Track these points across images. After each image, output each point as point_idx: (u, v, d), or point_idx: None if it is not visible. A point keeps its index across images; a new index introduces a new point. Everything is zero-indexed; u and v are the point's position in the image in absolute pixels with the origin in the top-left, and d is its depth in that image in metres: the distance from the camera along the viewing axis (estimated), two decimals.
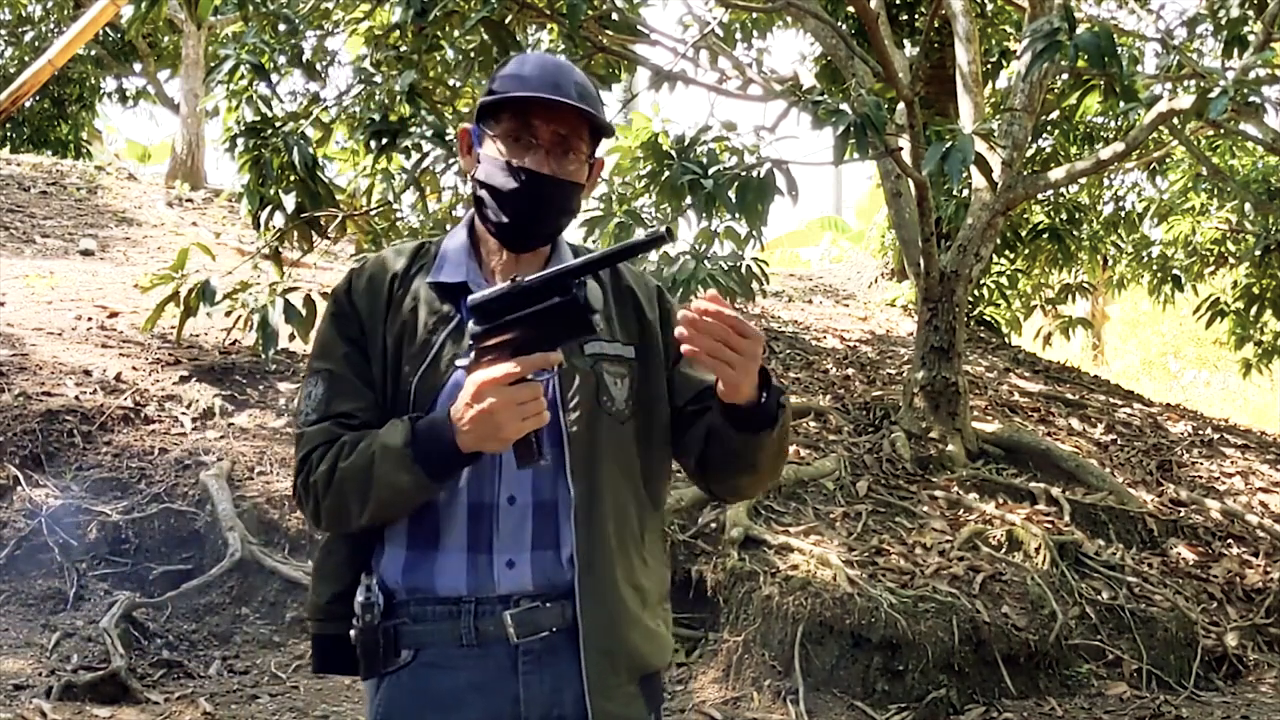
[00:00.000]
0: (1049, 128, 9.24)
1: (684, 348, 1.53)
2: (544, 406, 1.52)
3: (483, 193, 1.68)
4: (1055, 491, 5.86)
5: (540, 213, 1.67)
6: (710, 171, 4.88)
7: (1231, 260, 10.07)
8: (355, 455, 1.60)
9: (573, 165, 1.66)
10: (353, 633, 1.65)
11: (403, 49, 5.55)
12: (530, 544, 1.64)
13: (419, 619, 1.64)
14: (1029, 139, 7.10)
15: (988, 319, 10.47)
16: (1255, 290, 9.32)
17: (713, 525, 5.03)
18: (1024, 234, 9.59)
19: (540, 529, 1.64)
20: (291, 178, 5.45)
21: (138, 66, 15.67)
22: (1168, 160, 9.75)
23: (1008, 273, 10.29)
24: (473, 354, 1.54)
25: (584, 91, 1.66)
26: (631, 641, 1.68)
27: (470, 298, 1.54)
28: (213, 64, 5.90)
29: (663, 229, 1.49)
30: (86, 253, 8.91)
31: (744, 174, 4.91)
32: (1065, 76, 6.74)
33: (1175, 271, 10.30)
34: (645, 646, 1.71)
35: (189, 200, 11.52)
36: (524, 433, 1.52)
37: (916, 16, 9.68)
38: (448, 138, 5.15)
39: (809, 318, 10.05)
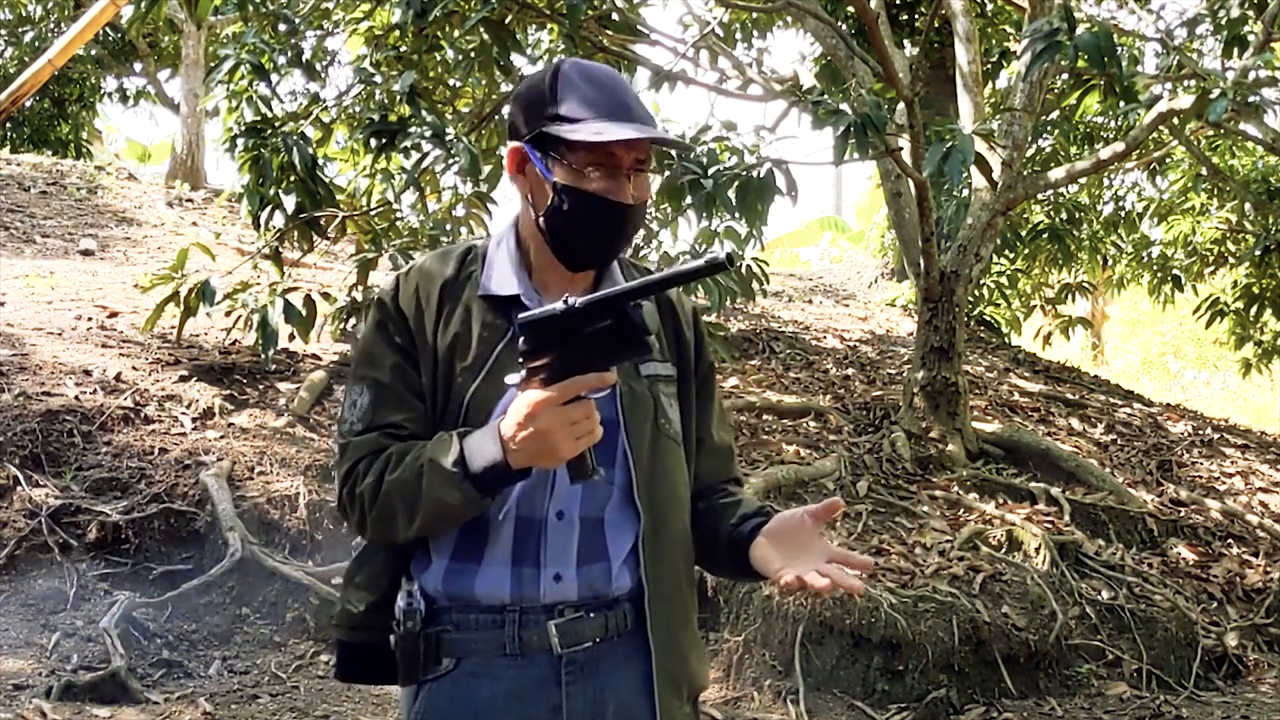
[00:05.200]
0: (1049, 128, 9.24)
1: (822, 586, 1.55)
2: (597, 424, 1.50)
3: (560, 222, 1.62)
4: (1055, 491, 5.86)
5: (622, 240, 1.66)
6: (710, 171, 4.88)
7: (1231, 260, 10.07)
8: (403, 469, 1.58)
9: (645, 184, 1.65)
10: (393, 639, 1.63)
11: (403, 49, 5.56)
12: (577, 559, 1.64)
13: (462, 627, 1.63)
14: (1029, 139, 7.10)
15: (988, 319, 10.47)
16: (1255, 290, 9.32)
17: None
18: (1024, 234, 9.59)
19: (586, 544, 1.64)
20: (291, 178, 5.45)
21: (138, 66, 15.67)
22: (1168, 160, 9.75)
23: (1008, 273, 10.29)
24: (524, 372, 1.50)
25: (646, 108, 1.64)
26: (691, 664, 1.72)
27: (521, 316, 1.49)
28: (213, 64, 5.91)
29: (723, 255, 1.45)
30: (86, 253, 8.91)
31: (744, 174, 4.91)
32: (1065, 76, 6.74)
33: (1175, 271, 10.30)
34: (700, 668, 1.75)
35: (189, 200, 11.51)
36: (578, 452, 1.50)
37: (916, 16, 9.69)
38: (448, 138, 5.15)
39: (809, 318, 10.05)
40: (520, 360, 1.50)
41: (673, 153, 5.07)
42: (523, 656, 1.62)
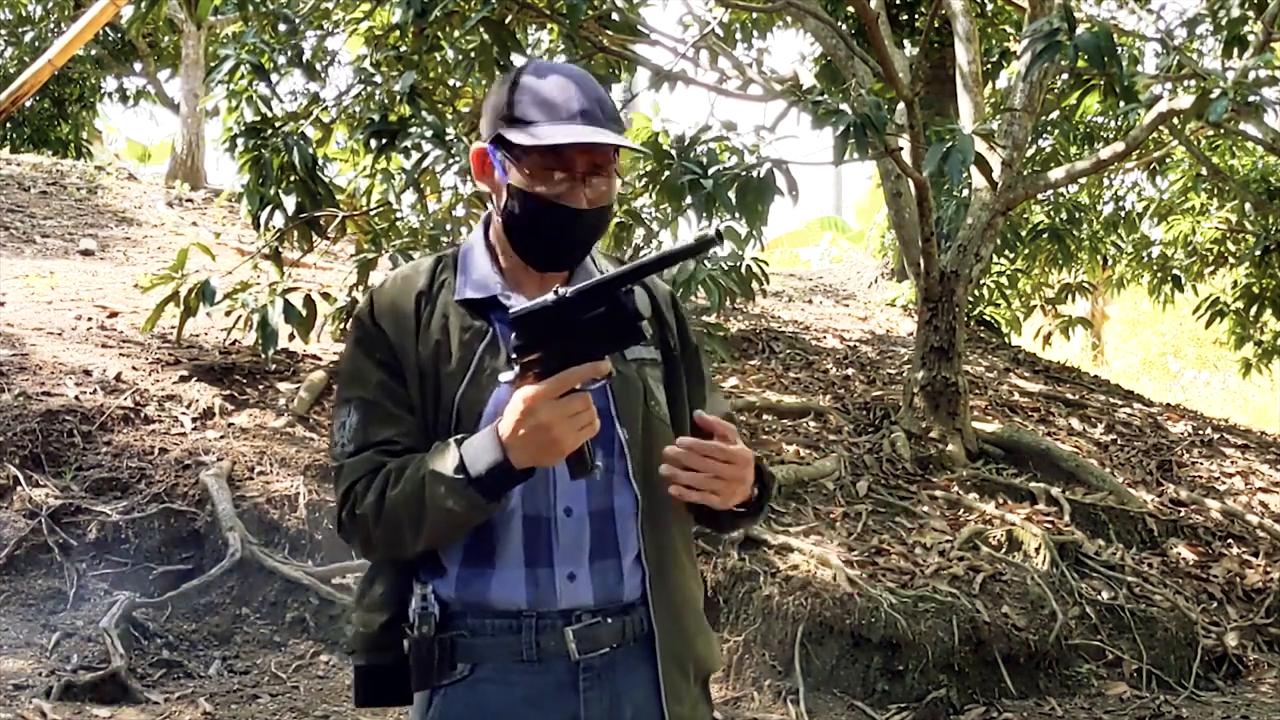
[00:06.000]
0: (1049, 128, 9.24)
1: (672, 489, 1.56)
2: (595, 416, 1.49)
3: (515, 224, 1.63)
4: (1055, 491, 5.87)
5: (577, 245, 1.66)
6: (710, 171, 4.88)
7: (1231, 260, 10.07)
8: (403, 483, 1.56)
9: (604, 187, 1.63)
10: (406, 643, 1.62)
11: (403, 49, 5.55)
12: (589, 555, 1.63)
13: (477, 632, 1.62)
14: (1029, 139, 7.10)
15: (988, 319, 10.47)
16: (1255, 290, 9.32)
17: None
18: (1024, 234, 9.59)
19: (598, 539, 1.63)
20: (291, 178, 5.45)
21: (138, 66, 15.67)
22: (1168, 160, 9.75)
23: (1008, 273, 10.29)
24: (517, 369, 1.48)
25: (609, 110, 1.63)
26: (698, 646, 1.71)
27: (512, 311, 1.48)
28: (213, 64, 5.90)
29: (712, 232, 1.45)
30: (86, 253, 8.91)
31: (744, 174, 4.91)
32: (1065, 76, 6.74)
33: (1175, 271, 10.30)
34: (707, 650, 1.74)
35: (189, 200, 11.51)
36: (579, 444, 1.49)
37: (916, 16, 9.69)
38: (448, 138, 5.14)
39: (809, 318, 10.05)
40: (513, 357, 1.49)
41: (673, 152, 5.07)
42: (540, 663, 1.61)
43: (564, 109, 1.59)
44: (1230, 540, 5.98)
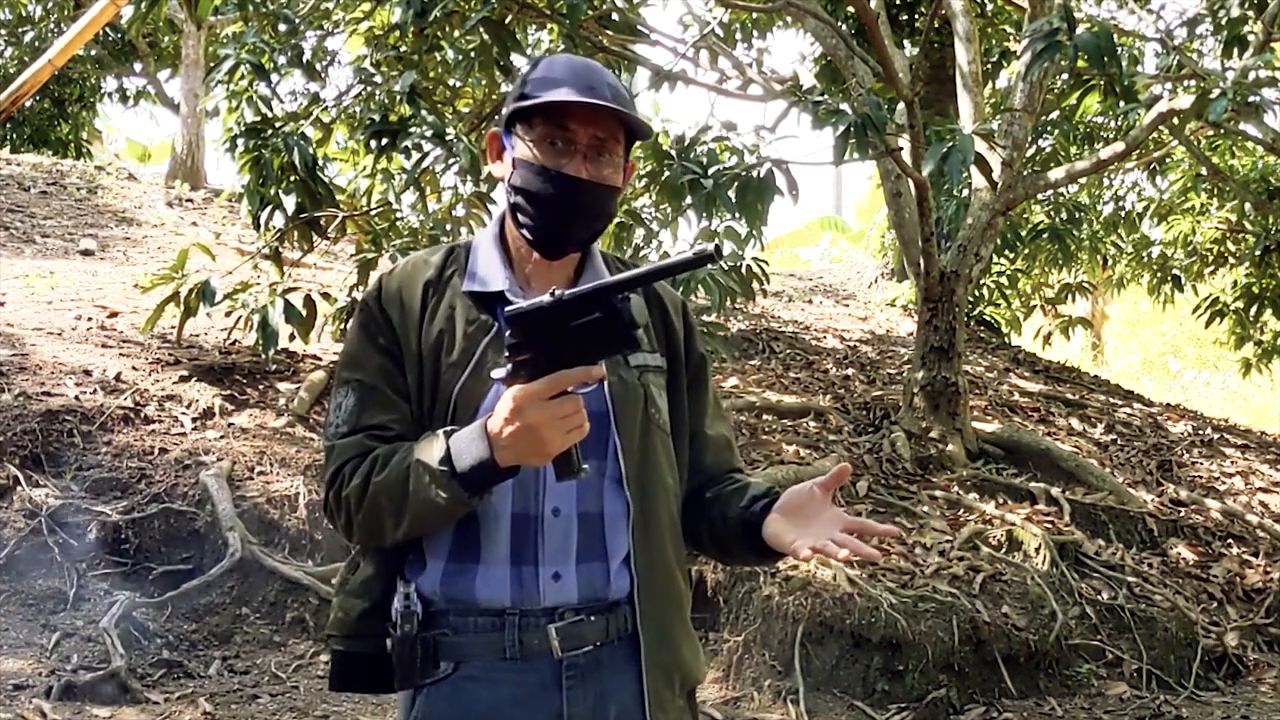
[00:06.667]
0: (1049, 128, 9.24)
1: (802, 547, 1.54)
2: (585, 419, 1.49)
3: (518, 199, 1.64)
4: (1055, 491, 5.87)
5: (578, 218, 1.65)
6: (710, 171, 4.88)
7: (1231, 260, 10.08)
8: (389, 470, 1.57)
9: (609, 169, 1.64)
10: (389, 642, 1.61)
11: (403, 49, 5.56)
12: (576, 556, 1.62)
13: (460, 630, 1.61)
14: (1029, 139, 7.10)
15: (988, 319, 10.47)
16: (1255, 290, 9.33)
17: None
18: (1024, 234, 9.59)
19: (586, 540, 1.63)
20: (291, 178, 5.45)
21: (138, 66, 15.67)
22: (1168, 160, 9.75)
23: (1008, 273, 10.29)
24: (509, 366, 1.49)
25: (617, 93, 1.64)
26: (684, 655, 1.70)
27: (508, 309, 1.48)
28: (213, 64, 5.91)
29: (710, 248, 1.45)
30: (86, 253, 8.91)
31: (744, 174, 4.91)
32: (1065, 76, 6.74)
33: (1175, 271, 10.31)
34: (694, 660, 1.73)
35: (189, 200, 11.51)
36: (566, 447, 1.49)
37: (916, 16, 9.69)
38: (448, 138, 5.15)
39: (809, 318, 10.05)
40: (506, 354, 1.49)
41: (673, 152, 5.07)
42: (523, 661, 1.60)
43: (569, 84, 1.61)
44: (1230, 540, 5.98)
